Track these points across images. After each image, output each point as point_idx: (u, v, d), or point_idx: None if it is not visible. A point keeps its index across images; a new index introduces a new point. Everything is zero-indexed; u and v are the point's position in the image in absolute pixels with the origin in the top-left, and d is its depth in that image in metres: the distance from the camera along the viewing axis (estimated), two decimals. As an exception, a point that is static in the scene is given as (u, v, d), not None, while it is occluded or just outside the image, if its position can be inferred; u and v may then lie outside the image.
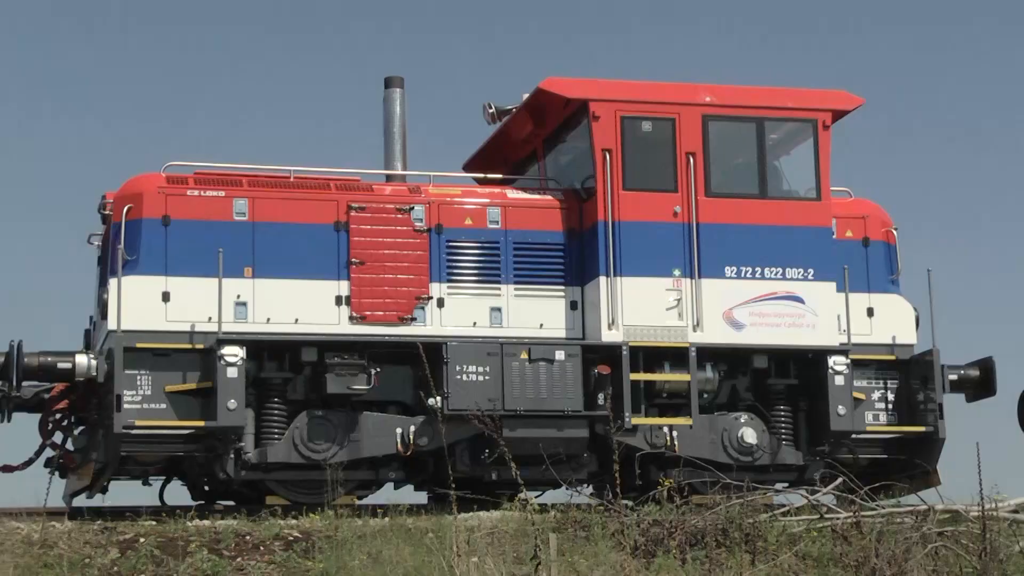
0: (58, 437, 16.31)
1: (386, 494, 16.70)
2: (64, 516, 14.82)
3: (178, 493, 16.88)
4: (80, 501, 16.41)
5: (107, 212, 16.41)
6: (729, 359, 17.00)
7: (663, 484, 15.03)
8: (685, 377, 16.55)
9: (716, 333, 16.71)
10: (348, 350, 15.99)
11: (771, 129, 17.49)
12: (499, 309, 16.65)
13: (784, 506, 15.26)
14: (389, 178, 17.40)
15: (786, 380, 17.12)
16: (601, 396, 16.12)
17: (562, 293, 16.89)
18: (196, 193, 16.16)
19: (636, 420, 16.35)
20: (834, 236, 17.37)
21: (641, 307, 16.59)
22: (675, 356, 16.64)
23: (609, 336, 16.46)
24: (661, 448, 16.46)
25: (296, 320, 16.03)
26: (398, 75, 17.80)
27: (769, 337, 16.83)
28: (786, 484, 16.95)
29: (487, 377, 16.09)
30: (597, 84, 17.13)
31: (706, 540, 13.30)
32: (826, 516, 14.50)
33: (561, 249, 16.98)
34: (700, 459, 16.21)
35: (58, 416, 16.25)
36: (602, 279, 16.54)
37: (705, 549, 13.18)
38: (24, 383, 15.83)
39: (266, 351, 15.94)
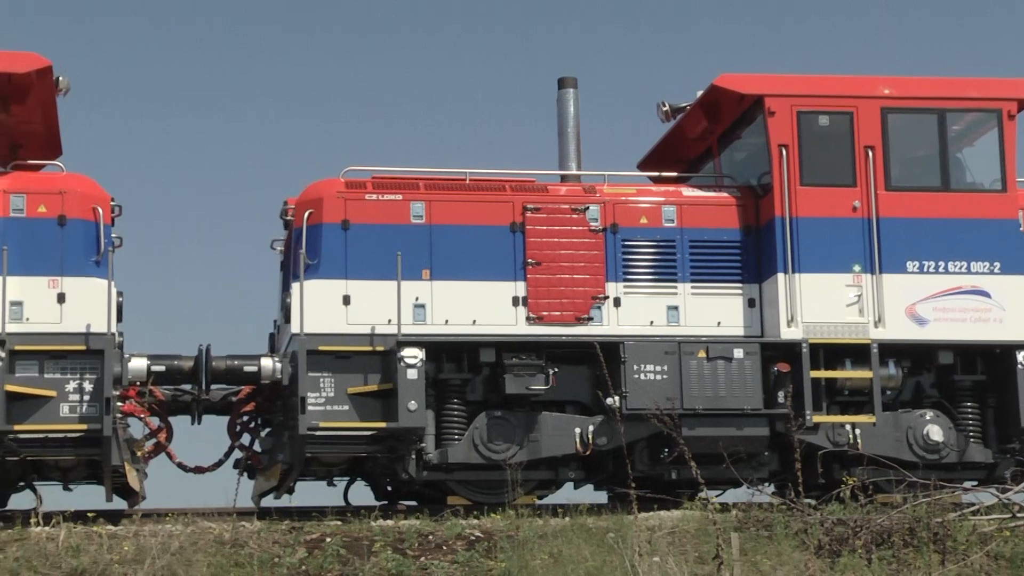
0: (246, 439, 16.71)
1: (566, 494, 16.77)
2: (253, 516, 15.15)
3: (362, 493, 17.18)
4: (268, 501, 16.77)
5: (289, 218, 16.73)
6: (912, 355, 16.66)
7: (847, 483, 14.80)
8: (867, 374, 16.28)
9: (899, 329, 16.40)
10: (526, 350, 16.06)
11: (953, 120, 17.11)
12: (676, 308, 16.56)
13: (973, 505, 14.91)
14: (564, 178, 17.43)
15: (973, 376, 16.72)
16: (781, 394, 15.94)
17: (740, 291, 16.74)
18: (374, 197, 16.37)
19: (817, 418, 16.13)
20: (1022, 228, 16.91)
21: (821, 304, 16.36)
22: (856, 353, 16.36)
23: (788, 333, 16.26)
24: (844, 446, 16.21)
25: (474, 321, 16.15)
26: (571, 75, 17.83)
27: (954, 332, 16.45)
28: (975, 482, 16.57)
29: (665, 376, 16.02)
30: (772, 79, 16.94)
31: (893, 540, 13.06)
32: (1018, 515, 14.12)
33: (738, 246, 16.83)
34: (884, 457, 15.91)
35: (245, 418, 16.66)
36: (780, 276, 16.35)
37: (892, 549, 12.94)
38: (212, 386, 16.29)
39: (445, 352, 16.09)
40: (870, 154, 16.66)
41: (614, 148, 32.38)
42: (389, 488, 17.16)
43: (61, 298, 15.20)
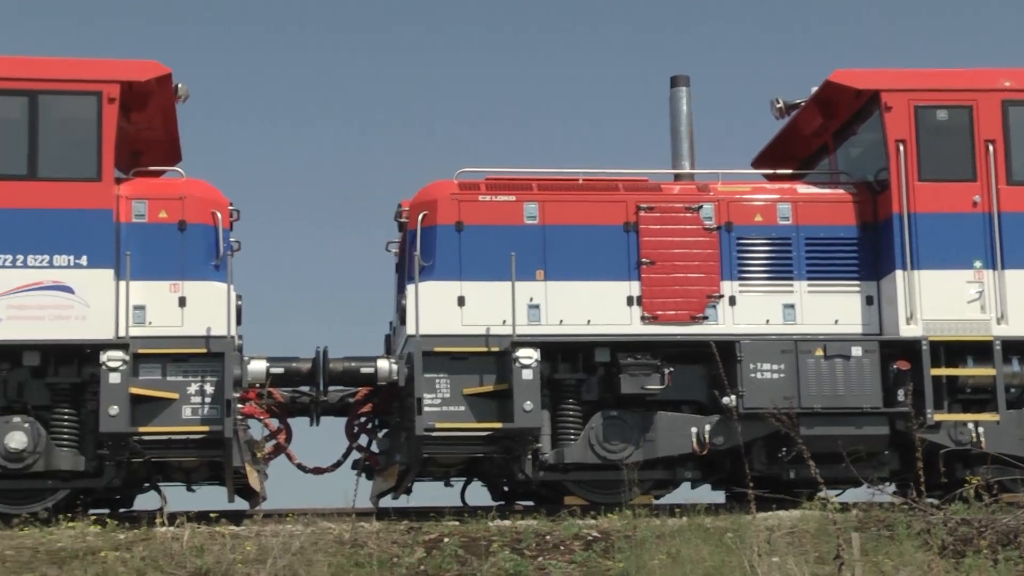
0: (363, 440, 16.87)
1: (683, 493, 16.69)
2: (372, 516, 15.28)
3: (479, 493, 17.24)
4: (386, 502, 16.91)
5: (403, 220, 16.83)
6: (1038, 352, 16.36)
7: (970, 482, 14.57)
8: (990, 371, 16.00)
9: (1023, 326, 16.11)
10: (641, 350, 16.02)
11: (1077, 111, 16.76)
12: (792, 306, 16.42)
13: (1102, 504, 14.59)
14: (677, 177, 17.35)
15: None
16: (901, 392, 15.73)
17: (857, 288, 16.54)
18: (488, 199, 16.43)
19: (939, 416, 15.90)
20: None
21: (941, 301, 16.12)
22: (978, 350, 16.10)
23: (908, 331, 16.04)
24: (966, 445, 15.95)
25: (588, 321, 16.14)
26: (684, 73, 17.74)
27: None
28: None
29: (782, 375, 15.89)
30: (888, 74, 16.72)
31: (1020, 540, 12.83)
32: None
33: (855, 243, 16.64)
34: (1009, 456, 15.63)
35: (363, 419, 16.82)
36: (899, 273, 16.13)
37: (1019, 549, 12.72)
38: (330, 388, 16.45)
39: (559, 352, 16.09)
40: (990, 148, 16.39)
41: (728, 146, 32.21)
42: (506, 488, 17.20)
43: (182, 302, 15.44)
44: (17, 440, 14.97)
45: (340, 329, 30.94)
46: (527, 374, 15.61)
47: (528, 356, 15.67)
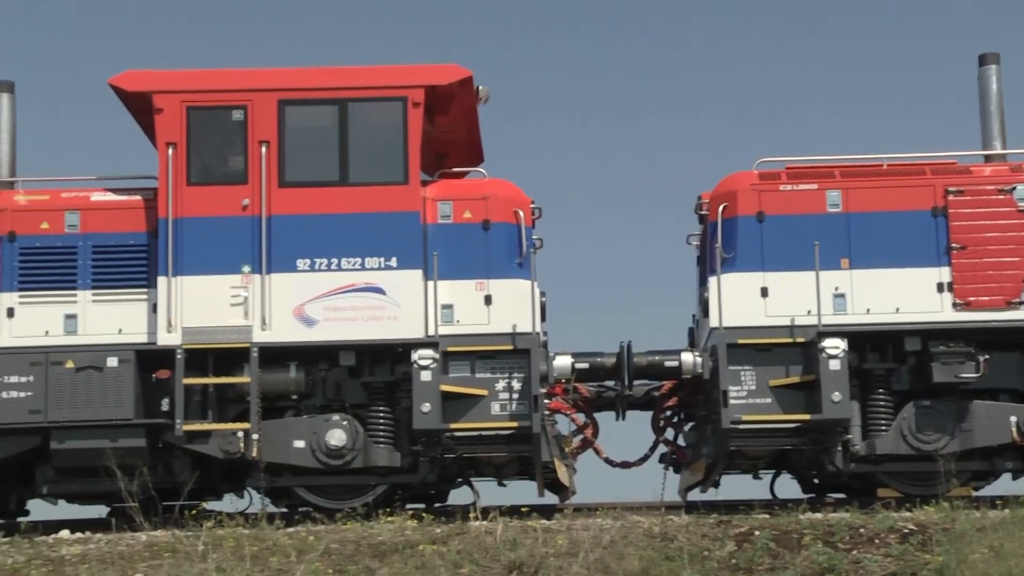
0: (669, 433, 16.88)
1: (1004, 485, 16.13)
2: (681, 510, 15.27)
3: (788, 486, 17.02)
4: (694, 495, 16.87)
5: (703, 212, 16.75)
6: None
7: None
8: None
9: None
10: (953, 338, 15.55)
11: None
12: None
13: None
14: (988, 159, 16.75)
15: None
16: None
17: None
18: (788, 188, 16.20)
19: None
20: None
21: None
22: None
23: None
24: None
25: (896, 309, 15.75)
26: (993, 51, 17.11)
27: None
28: None
29: None
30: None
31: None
32: None
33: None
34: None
35: (668, 413, 16.84)
36: None
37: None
38: (635, 382, 16.52)
39: (868, 342, 15.77)
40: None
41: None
42: (816, 481, 16.94)
43: (488, 300, 15.73)
44: (337, 437, 15.54)
45: (641, 323, 31.04)
46: (835, 364, 15.34)
47: (835, 346, 15.40)
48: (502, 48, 37.85)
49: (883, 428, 15.65)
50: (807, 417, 15.50)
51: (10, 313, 15.69)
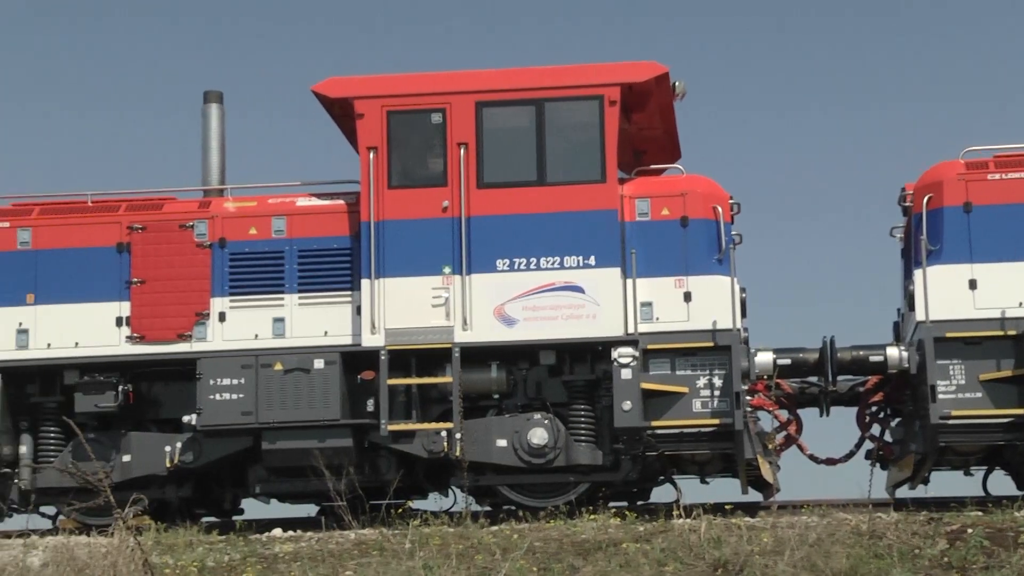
0: (875, 429, 16.57)
1: None
2: (889, 507, 14.98)
3: (1002, 482, 16.54)
4: (903, 492, 16.54)
5: (907, 204, 16.42)
6: None
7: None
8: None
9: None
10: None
11: None
12: None
13: None
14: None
15: None
16: None
17: None
18: (997, 177, 15.78)
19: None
20: None
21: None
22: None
23: None
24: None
25: None
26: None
27: None
28: None
29: None
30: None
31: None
32: None
33: None
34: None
35: (874, 409, 16.53)
36: None
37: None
38: (839, 377, 16.26)
39: (1081, 333, 15.29)
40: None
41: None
42: (1033, 478, 16.46)
43: (687, 297, 15.66)
44: (539, 436, 15.63)
45: (843, 317, 30.57)
46: None
47: (1050, 338, 14.98)
48: (696, 41, 37.67)
49: (1101, 423, 15.12)
50: (1021, 412, 15.09)
51: (222, 317, 16.19)
